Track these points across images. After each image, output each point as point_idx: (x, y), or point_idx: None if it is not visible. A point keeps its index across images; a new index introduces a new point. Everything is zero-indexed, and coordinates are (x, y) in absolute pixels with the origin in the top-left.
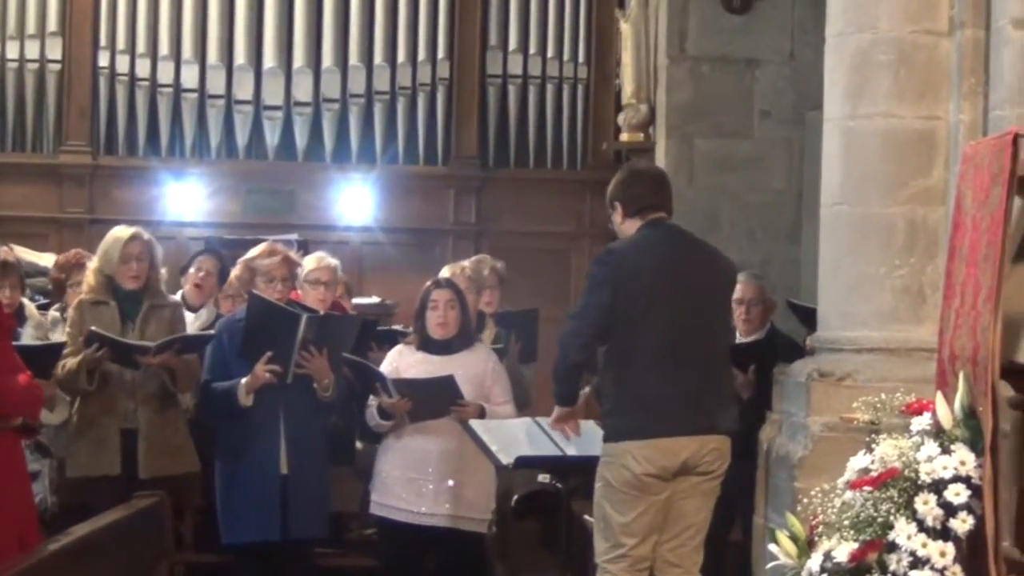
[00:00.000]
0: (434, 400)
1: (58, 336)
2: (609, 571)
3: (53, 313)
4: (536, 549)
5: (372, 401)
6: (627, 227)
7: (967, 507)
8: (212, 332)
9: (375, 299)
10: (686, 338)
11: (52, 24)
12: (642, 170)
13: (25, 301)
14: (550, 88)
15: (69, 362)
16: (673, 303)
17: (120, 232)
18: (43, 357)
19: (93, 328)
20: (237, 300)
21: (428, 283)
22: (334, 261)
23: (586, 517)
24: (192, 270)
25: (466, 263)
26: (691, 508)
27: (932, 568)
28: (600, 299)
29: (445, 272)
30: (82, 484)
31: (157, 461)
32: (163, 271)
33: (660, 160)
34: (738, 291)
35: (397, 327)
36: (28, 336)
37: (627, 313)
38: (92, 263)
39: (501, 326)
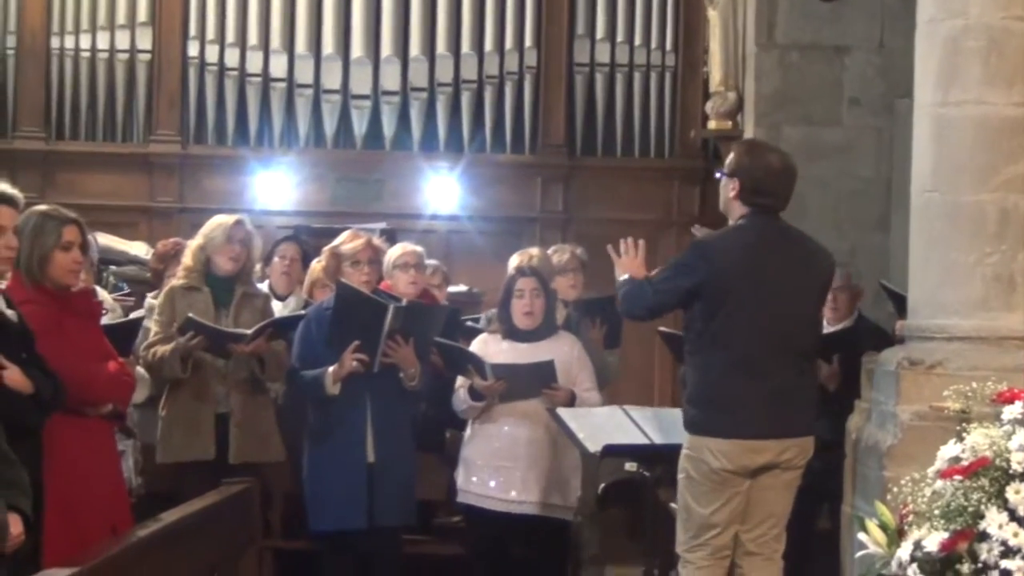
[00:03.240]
0: (529, 383)
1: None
2: (690, 561)
3: (151, 301)
4: (622, 537)
5: (461, 383)
6: (734, 206)
7: None
8: (303, 313)
9: (462, 287)
10: (775, 338)
11: (142, 15)
12: (773, 163)
13: (96, 287)
14: (637, 76)
15: (160, 349)
16: (763, 300)
17: (226, 217)
18: (121, 333)
19: (190, 316)
20: (327, 289)
21: (512, 271)
22: (419, 248)
23: (672, 505)
24: (276, 258)
25: (535, 250)
26: (772, 499)
27: (1023, 557)
28: (681, 284)
29: (514, 260)
30: (172, 469)
31: (248, 446)
32: (258, 266)
33: None
34: None
35: (479, 316)
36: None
37: (713, 307)
38: (193, 242)
39: (585, 312)
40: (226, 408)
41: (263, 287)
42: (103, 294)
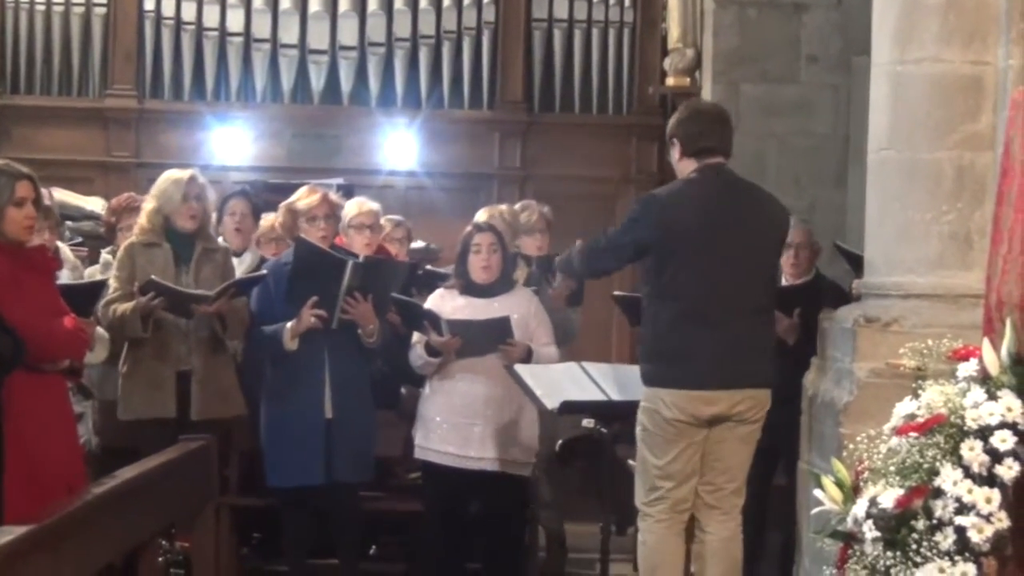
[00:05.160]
0: (485, 339)
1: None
2: (649, 514)
3: (106, 256)
4: (580, 493)
5: (417, 339)
6: (683, 166)
7: (1013, 453)
8: (264, 272)
9: (420, 243)
10: (726, 289)
11: None
12: (703, 109)
13: (60, 245)
14: (596, 32)
15: (120, 307)
16: (713, 253)
17: (178, 174)
18: (83, 295)
19: (152, 277)
20: (280, 244)
21: (469, 227)
22: (375, 205)
23: (630, 462)
24: (227, 216)
25: (503, 207)
26: (728, 451)
27: (978, 514)
28: (632, 238)
29: (482, 215)
30: (132, 426)
31: (210, 404)
32: (213, 216)
33: None
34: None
35: (437, 270)
36: (64, 279)
37: (665, 260)
38: (148, 204)
39: (545, 269)
40: (187, 366)
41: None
42: (65, 251)
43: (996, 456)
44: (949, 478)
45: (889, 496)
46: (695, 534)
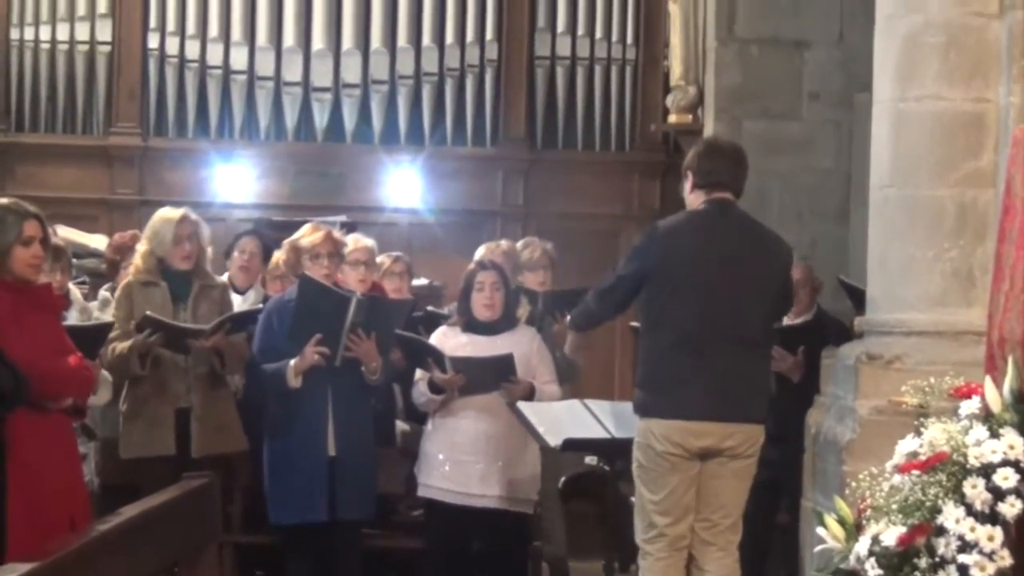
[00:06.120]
0: (488, 377)
1: (108, 316)
2: (649, 552)
3: (104, 293)
4: (583, 531)
5: (420, 376)
6: (693, 199)
7: (1016, 491)
8: (261, 307)
9: (423, 281)
10: (720, 322)
11: (102, 6)
12: (720, 146)
13: (71, 286)
14: (598, 70)
15: (119, 346)
16: (709, 285)
17: (169, 213)
18: (90, 337)
19: (148, 313)
20: (285, 282)
21: (472, 265)
22: (370, 241)
23: (632, 499)
24: (236, 253)
25: (503, 243)
26: (722, 487)
27: (980, 552)
28: (633, 269)
29: (481, 251)
30: (133, 465)
31: (209, 440)
32: (209, 251)
33: None
34: None
35: (432, 309)
36: (73, 320)
37: (661, 289)
38: (141, 245)
39: (554, 305)
40: (186, 403)
41: (223, 279)
42: (75, 292)
43: (998, 494)
44: (951, 516)
45: (891, 534)
46: (691, 572)
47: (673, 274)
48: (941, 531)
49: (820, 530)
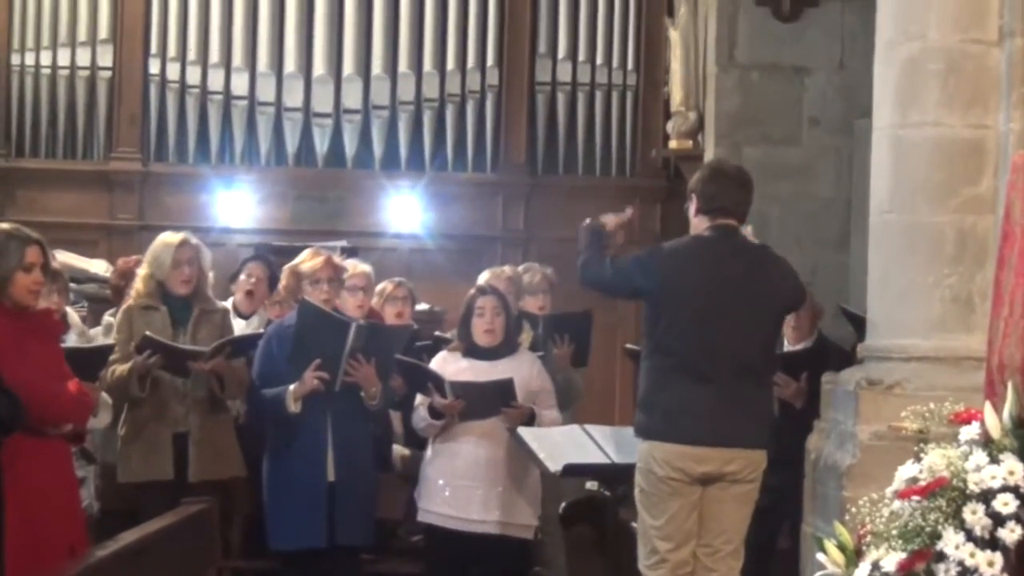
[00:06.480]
0: (488, 402)
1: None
2: None
3: (108, 319)
4: (584, 557)
5: (420, 401)
6: (697, 222)
7: (1015, 517)
8: (262, 332)
9: (424, 306)
10: (721, 348)
11: (103, 32)
12: (725, 170)
13: (68, 310)
14: (599, 95)
15: (119, 368)
16: (711, 311)
17: (169, 238)
18: (90, 359)
19: (147, 334)
20: (284, 307)
21: (473, 290)
22: (367, 267)
23: (633, 524)
24: (243, 277)
25: (507, 268)
26: (724, 512)
27: None
28: (633, 281)
29: (485, 276)
30: (132, 490)
31: (207, 465)
32: (210, 275)
33: None
34: None
35: (439, 334)
36: (71, 343)
37: (663, 313)
38: (142, 269)
39: (554, 328)
40: (185, 427)
41: (224, 304)
42: (72, 315)
43: (998, 520)
44: (951, 542)
45: (891, 560)
46: None
47: (676, 299)
48: (941, 557)
49: (820, 556)
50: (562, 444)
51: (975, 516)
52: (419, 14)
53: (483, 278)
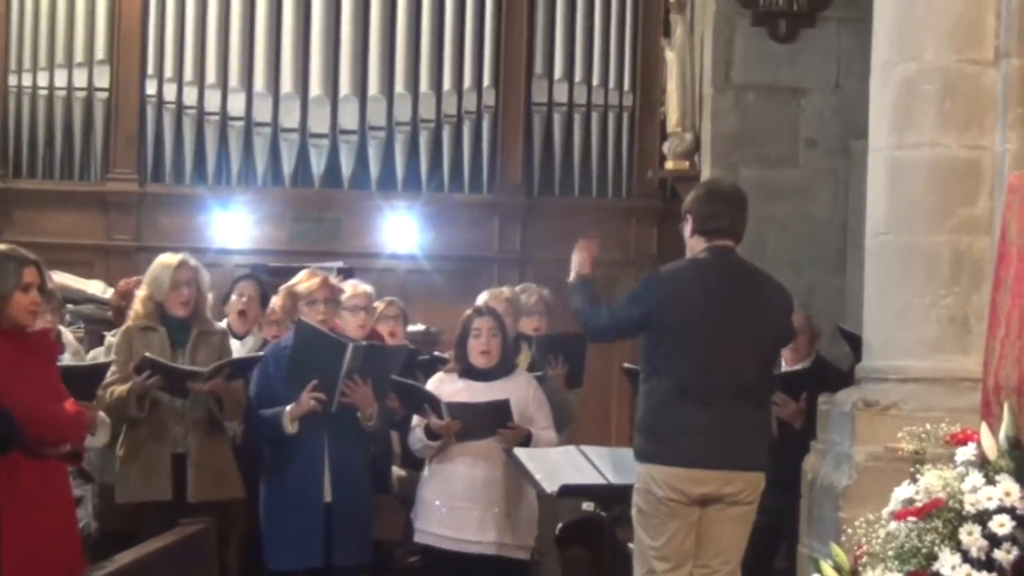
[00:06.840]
0: (484, 422)
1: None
2: None
3: (110, 339)
4: None
5: (417, 422)
6: (693, 243)
7: (1011, 538)
8: (261, 354)
9: (420, 327)
10: (720, 370)
11: (100, 52)
12: (720, 190)
13: (62, 328)
14: (595, 116)
15: (118, 389)
16: (709, 333)
17: (168, 259)
18: (86, 378)
19: (147, 355)
20: (281, 327)
21: (469, 311)
22: (368, 287)
23: (630, 545)
24: (234, 297)
25: (506, 289)
26: (722, 533)
27: None
28: (632, 315)
29: (484, 297)
30: (130, 510)
31: (206, 486)
32: (209, 297)
33: None
34: None
35: (439, 354)
36: (66, 363)
37: (662, 337)
38: (140, 291)
39: (548, 348)
40: (183, 448)
41: (222, 325)
42: (67, 335)
43: (994, 540)
44: (948, 563)
45: None
46: None
47: (673, 322)
48: None
49: None
50: (559, 465)
51: (971, 537)
52: (415, 35)
53: (482, 299)
